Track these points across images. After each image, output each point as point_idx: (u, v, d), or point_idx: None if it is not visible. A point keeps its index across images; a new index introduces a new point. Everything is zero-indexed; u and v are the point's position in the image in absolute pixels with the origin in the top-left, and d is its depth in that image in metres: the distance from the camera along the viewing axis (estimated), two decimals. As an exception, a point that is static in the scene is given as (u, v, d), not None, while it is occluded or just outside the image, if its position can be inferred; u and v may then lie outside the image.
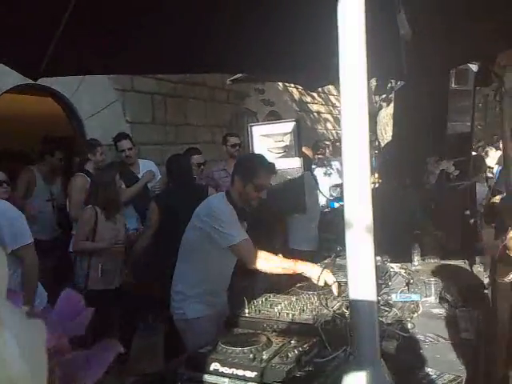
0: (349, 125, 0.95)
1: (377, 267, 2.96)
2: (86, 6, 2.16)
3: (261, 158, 2.96)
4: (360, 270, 0.97)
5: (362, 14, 1.00)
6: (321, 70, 3.41)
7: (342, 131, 0.96)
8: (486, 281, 3.04)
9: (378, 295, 2.49)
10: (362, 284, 0.98)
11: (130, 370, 2.86)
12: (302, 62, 3.19)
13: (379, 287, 2.68)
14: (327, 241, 4.44)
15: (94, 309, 0.53)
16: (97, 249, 3.97)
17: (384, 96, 7.20)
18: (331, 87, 11.04)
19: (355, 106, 0.93)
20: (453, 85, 4.75)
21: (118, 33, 2.52)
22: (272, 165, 2.89)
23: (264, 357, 1.75)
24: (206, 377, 1.73)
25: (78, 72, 3.32)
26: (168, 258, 3.06)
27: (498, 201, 3.83)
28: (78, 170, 4.71)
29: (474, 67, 4.78)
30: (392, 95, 6.58)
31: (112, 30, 2.48)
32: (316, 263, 3.01)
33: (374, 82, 7.44)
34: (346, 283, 2.65)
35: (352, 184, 0.93)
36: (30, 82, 2.69)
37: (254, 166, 2.76)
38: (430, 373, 1.69)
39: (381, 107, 7.28)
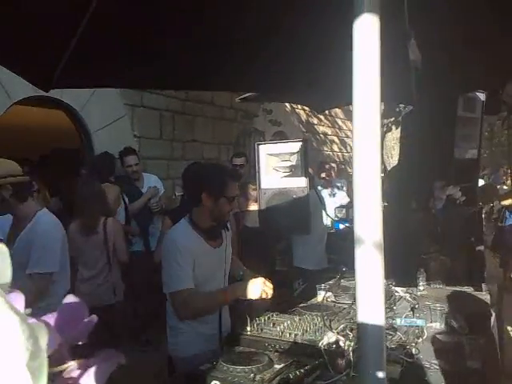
0: (360, 139, 0.94)
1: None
2: (101, 19, 2.18)
3: (224, 168, 2.84)
4: (369, 285, 0.95)
5: (377, 36, 1.00)
6: (328, 92, 3.43)
7: (353, 145, 0.95)
8: (491, 309, 3.00)
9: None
10: (371, 300, 0.96)
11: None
12: (311, 84, 3.21)
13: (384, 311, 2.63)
14: (332, 261, 4.41)
15: (96, 317, 0.50)
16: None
17: (393, 119, 7.21)
18: (338, 110, 11.10)
19: (368, 120, 0.93)
20: (461, 111, 4.76)
21: (130, 48, 2.54)
22: (235, 172, 2.70)
23: (265, 377, 1.72)
24: (206, 395, 1.70)
25: (89, 85, 3.35)
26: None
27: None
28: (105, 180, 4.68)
29: (481, 96, 4.81)
30: (400, 118, 6.60)
31: (125, 45, 2.51)
32: (322, 284, 2.98)
33: (382, 105, 7.46)
34: (349, 305, 2.61)
35: (363, 200, 0.92)
36: (41, 93, 2.69)
37: (222, 178, 2.56)
38: (435, 400, 1.65)
39: (390, 129, 7.28)
